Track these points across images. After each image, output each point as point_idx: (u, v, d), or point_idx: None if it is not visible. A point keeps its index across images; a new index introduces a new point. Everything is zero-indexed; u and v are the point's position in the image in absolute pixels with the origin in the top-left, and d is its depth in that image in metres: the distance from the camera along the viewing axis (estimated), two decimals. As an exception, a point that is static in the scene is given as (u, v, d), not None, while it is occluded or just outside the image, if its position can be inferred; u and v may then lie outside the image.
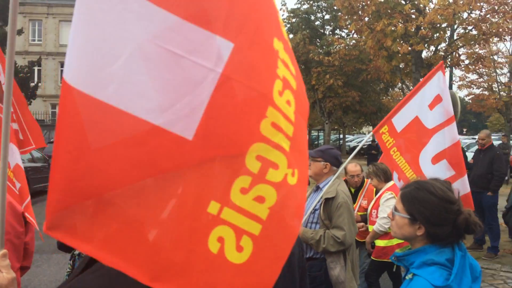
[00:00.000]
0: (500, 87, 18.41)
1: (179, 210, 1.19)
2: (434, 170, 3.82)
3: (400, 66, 11.56)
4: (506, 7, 10.54)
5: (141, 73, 1.16)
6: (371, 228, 4.89)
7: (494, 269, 7.03)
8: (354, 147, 32.36)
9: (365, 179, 5.56)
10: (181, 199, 1.20)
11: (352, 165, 5.64)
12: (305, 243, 3.71)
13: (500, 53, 18.33)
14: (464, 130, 60.93)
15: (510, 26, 11.15)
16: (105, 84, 1.13)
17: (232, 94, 1.24)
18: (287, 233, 1.37)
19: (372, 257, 4.95)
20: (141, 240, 1.15)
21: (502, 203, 6.22)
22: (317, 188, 3.93)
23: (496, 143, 16.19)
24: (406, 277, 1.85)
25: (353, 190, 5.65)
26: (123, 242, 1.14)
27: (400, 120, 3.89)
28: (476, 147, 8.73)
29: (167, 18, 1.18)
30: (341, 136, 38.26)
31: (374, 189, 5.21)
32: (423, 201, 1.80)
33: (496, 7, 10.53)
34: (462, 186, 3.92)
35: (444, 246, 1.78)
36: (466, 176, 4.01)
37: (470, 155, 10.15)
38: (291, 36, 18.97)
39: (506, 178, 14.14)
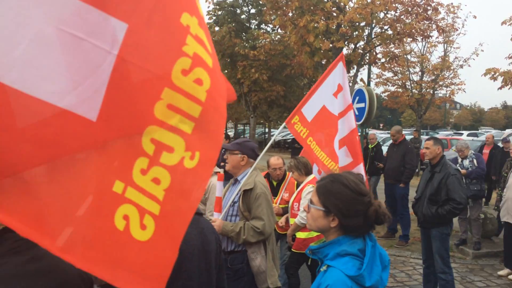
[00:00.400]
0: (412, 85, 19.64)
1: (86, 189, 1.24)
2: (340, 156, 3.98)
3: (322, 62, 11.89)
4: (419, 8, 11.22)
5: (43, 57, 1.16)
6: (292, 221, 4.97)
7: (404, 256, 7.49)
8: (279, 141, 33.15)
9: (287, 172, 5.65)
10: (88, 179, 1.24)
11: (274, 158, 5.71)
12: (226, 237, 3.69)
13: (412, 52, 19.55)
14: (381, 125, 64.67)
15: (422, 28, 11.92)
16: (8, 68, 1.13)
17: (127, 76, 1.26)
18: (181, 216, 1.42)
19: (292, 249, 5.04)
20: (53, 214, 1.19)
21: (413, 194, 6.60)
22: (236, 181, 3.93)
23: (408, 137, 17.29)
24: (321, 269, 1.87)
25: (275, 183, 5.72)
26: (37, 215, 1.17)
27: (309, 109, 4.00)
28: (391, 141, 9.22)
29: (67, 2, 1.18)
30: (267, 130, 38.93)
31: (296, 182, 5.30)
32: (337, 193, 1.84)
33: (410, 9, 11.17)
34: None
35: (356, 237, 1.83)
36: (362, 164, 4.18)
37: (385, 149, 10.66)
38: (216, 28, 18.80)
39: (417, 170, 15.18)
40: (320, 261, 1.92)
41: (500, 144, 11.93)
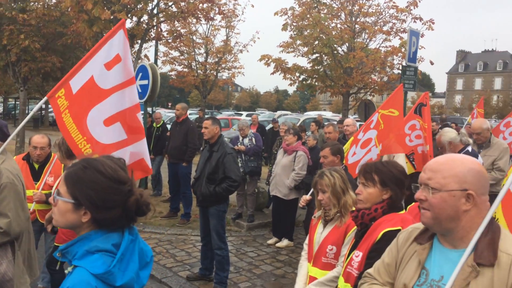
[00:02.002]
0: (197, 66, 20.20)
1: None
2: (106, 133, 3.61)
3: (103, 33, 10.97)
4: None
5: None
6: (55, 209, 4.34)
7: (186, 235, 7.54)
8: (58, 119, 30.16)
9: (53, 154, 4.96)
10: None
11: (38, 136, 4.94)
12: None
13: (198, 34, 20.03)
14: (169, 104, 65.78)
15: (206, 9, 12.15)
16: None
17: None
18: None
19: (55, 243, 4.41)
20: None
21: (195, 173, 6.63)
22: None
23: (194, 117, 17.69)
24: (66, 271, 1.60)
25: (37, 166, 4.94)
26: None
27: (77, 81, 3.48)
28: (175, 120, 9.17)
29: None
30: (44, 106, 34.92)
31: (63, 164, 4.69)
32: (90, 182, 1.56)
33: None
34: (137, 151, 3.83)
35: (113, 230, 1.59)
36: (143, 141, 3.91)
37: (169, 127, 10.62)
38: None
39: (201, 149, 15.70)
40: (70, 263, 1.61)
41: (270, 125, 13.26)
